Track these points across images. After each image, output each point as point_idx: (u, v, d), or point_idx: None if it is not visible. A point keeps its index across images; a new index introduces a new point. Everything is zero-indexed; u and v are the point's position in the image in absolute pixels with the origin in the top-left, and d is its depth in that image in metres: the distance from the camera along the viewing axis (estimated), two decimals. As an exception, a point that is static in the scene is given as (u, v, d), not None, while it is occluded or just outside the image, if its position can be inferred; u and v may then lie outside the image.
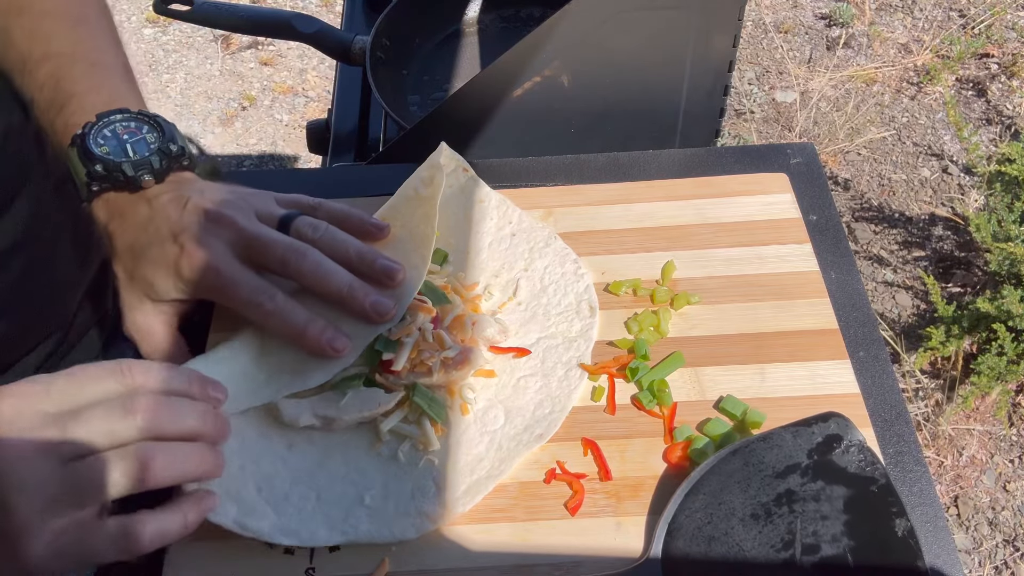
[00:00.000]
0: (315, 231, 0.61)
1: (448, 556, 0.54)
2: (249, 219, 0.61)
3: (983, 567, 1.61)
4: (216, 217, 0.60)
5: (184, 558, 0.54)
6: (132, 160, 0.60)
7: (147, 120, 0.63)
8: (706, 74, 0.79)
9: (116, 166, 0.60)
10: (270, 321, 0.59)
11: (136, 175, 0.60)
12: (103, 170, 0.60)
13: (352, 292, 0.59)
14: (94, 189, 0.61)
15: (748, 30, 2.57)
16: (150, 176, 0.61)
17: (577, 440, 0.59)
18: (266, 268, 0.60)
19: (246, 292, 0.59)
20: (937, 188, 2.15)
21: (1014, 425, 1.76)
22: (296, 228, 0.62)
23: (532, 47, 0.74)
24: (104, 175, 0.60)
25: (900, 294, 1.96)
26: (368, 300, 0.59)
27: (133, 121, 0.62)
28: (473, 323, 0.62)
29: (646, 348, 0.62)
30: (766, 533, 0.52)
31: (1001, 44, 2.44)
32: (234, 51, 2.67)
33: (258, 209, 0.63)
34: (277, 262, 0.60)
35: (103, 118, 0.62)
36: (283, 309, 0.59)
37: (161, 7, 0.95)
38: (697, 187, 0.73)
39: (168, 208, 0.61)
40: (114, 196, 0.62)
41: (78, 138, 0.61)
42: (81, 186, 0.62)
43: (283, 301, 0.59)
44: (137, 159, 0.60)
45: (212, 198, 0.62)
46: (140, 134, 0.62)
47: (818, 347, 0.63)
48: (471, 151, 0.81)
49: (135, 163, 0.60)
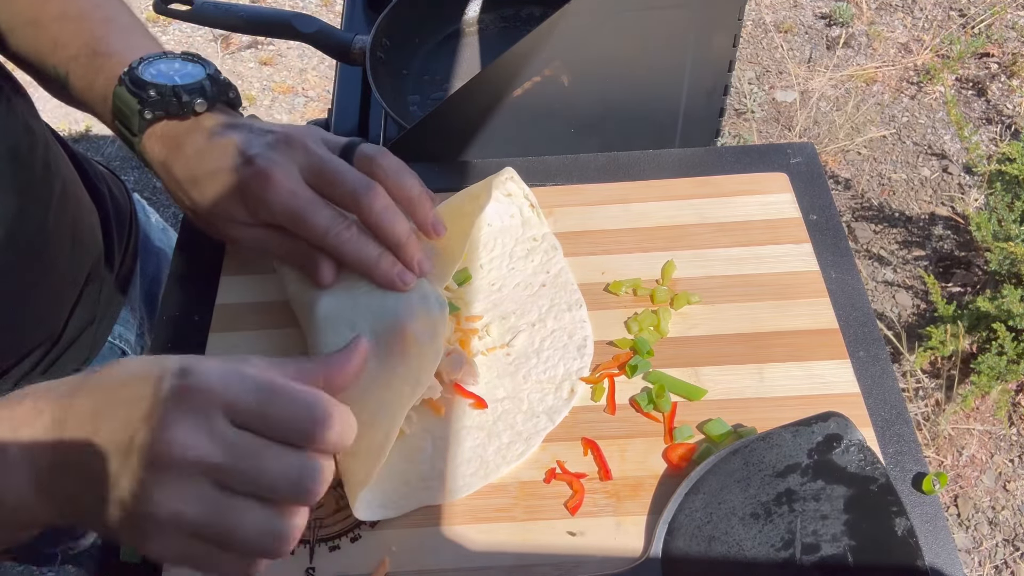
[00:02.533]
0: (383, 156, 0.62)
1: (448, 556, 0.54)
2: (319, 145, 0.62)
3: (983, 567, 1.61)
4: (287, 140, 0.61)
5: (184, 558, 0.54)
6: (184, 85, 0.61)
7: (190, 58, 0.65)
8: (706, 74, 0.79)
9: (170, 90, 0.61)
10: (345, 248, 0.59)
11: (190, 99, 0.61)
12: (156, 94, 0.61)
13: (409, 241, 0.60)
14: (147, 117, 0.62)
15: (748, 30, 2.57)
16: (203, 100, 0.62)
17: (577, 440, 0.59)
18: (332, 198, 0.60)
19: (324, 219, 0.59)
20: (937, 187, 2.15)
21: (1014, 425, 1.76)
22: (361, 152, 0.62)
23: (532, 47, 0.73)
24: (158, 99, 0.61)
25: (900, 294, 1.96)
26: (417, 256, 0.60)
27: (177, 61, 0.64)
28: (448, 354, 0.60)
29: (649, 345, 0.62)
30: (766, 532, 0.52)
31: (1001, 44, 2.44)
32: (234, 51, 2.67)
33: (324, 137, 0.63)
34: (348, 195, 0.60)
35: (147, 58, 0.63)
36: (359, 239, 0.59)
37: (161, 7, 0.95)
38: (697, 187, 0.73)
39: (231, 133, 0.61)
40: (168, 128, 0.63)
41: (125, 75, 0.62)
42: (133, 116, 0.62)
43: (358, 231, 0.60)
44: (190, 84, 0.62)
45: (275, 126, 0.63)
46: (185, 69, 0.64)
47: (818, 347, 0.63)
48: (471, 151, 0.81)
49: (188, 88, 0.61)
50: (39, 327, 0.74)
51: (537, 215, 0.70)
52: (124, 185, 0.91)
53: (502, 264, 0.69)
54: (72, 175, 0.77)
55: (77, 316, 0.77)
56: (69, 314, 0.76)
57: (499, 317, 0.65)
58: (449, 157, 0.81)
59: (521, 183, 0.70)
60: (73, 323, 0.77)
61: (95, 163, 0.88)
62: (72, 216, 0.75)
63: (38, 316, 0.73)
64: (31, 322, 0.73)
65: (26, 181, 0.68)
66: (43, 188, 0.71)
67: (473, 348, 0.64)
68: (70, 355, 0.78)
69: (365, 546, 0.55)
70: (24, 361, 0.73)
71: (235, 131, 0.61)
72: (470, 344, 0.64)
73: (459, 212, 0.66)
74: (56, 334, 0.75)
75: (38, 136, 0.71)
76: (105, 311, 0.82)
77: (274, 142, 0.60)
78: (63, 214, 0.73)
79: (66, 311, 0.76)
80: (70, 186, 0.75)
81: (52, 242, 0.73)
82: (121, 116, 0.64)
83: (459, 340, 0.63)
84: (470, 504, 0.56)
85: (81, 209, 0.77)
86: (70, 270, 0.76)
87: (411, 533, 0.55)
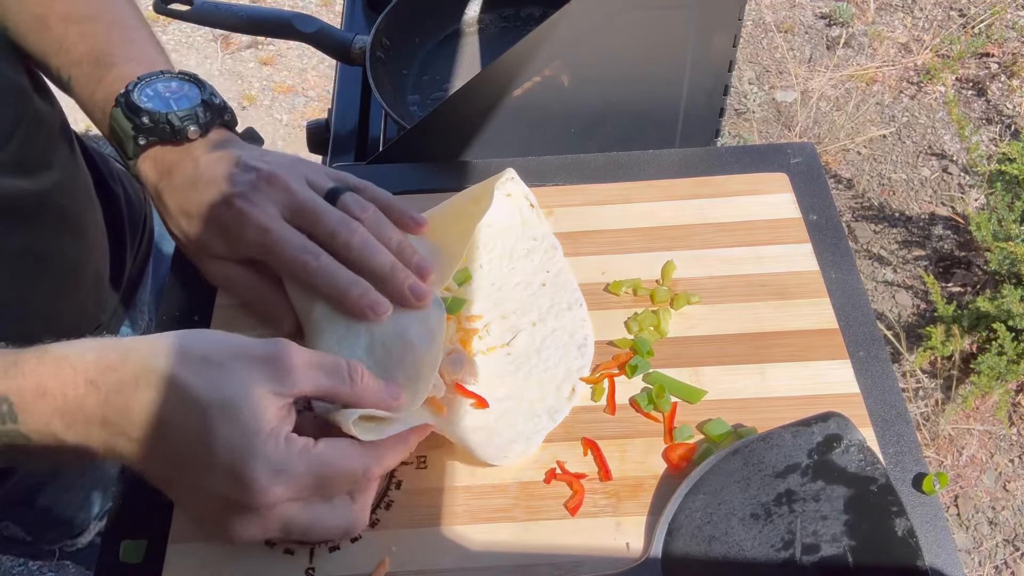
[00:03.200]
0: (363, 211, 0.62)
1: (448, 556, 0.54)
2: (301, 184, 0.62)
3: (983, 567, 1.61)
4: (269, 178, 0.61)
5: (184, 558, 0.54)
6: (177, 112, 0.62)
7: (187, 78, 0.65)
8: (706, 74, 0.79)
9: (163, 116, 0.62)
10: (314, 280, 0.59)
11: (182, 126, 0.62)
12: (150, 121, 0.62)
13: (395, 272, 0.60)
14: (140, 143, 0.63)
15: (748, 30, 2.57)
16: (195, 127, 0.63)
17: (577, 440, 0.59)
18: (312, 237, 0.61)
19: (292, 249, 0.60)
20: (937, 187, 2.15)
21: (1014, 425, 1.76)
22: (343, 203, 0.62)
23: (532, 47, 0.73)
24: (151, 127, 0.62)
25: (900, 293, 1.96)
26: (408, 282, 0.60)
27: (174, 80, 0.64)
28: (448, 354, 0.61)
29: (649, 346, 0.62)
30: (766, 533, 0.52)
31: (1001, 43, 2.44)
32: (234, 51, 2.67)
33: (308, 176, 0.63)
34: (326, 233, 0.60)
35: (144, 78, 0.64)
36: (328, 268, 0.59)
37: (161, 7, 0.95)
38: (697, 187, 0.73)
39: (218, 166, 0.62)
40: (161, 153, 0.63)
41: (121, 97, 0.63)
42: (127, 140, 0.63)
43: (328, 261, 0.60)
44: (182, 111, 0.62)
45: (263, 158, 0.63)
46: (182, 91, 0.64)
47: (818, 347, 0.63)
48: (471, 151, 0.81)
49: (180, 115, 0.62)
50: (42, 322, 0.74)
51: (537, 215, 0.70)
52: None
53: (502, 264, 0.69)
54: (71, 169, 0.76)
55: (84, 312, 0.77)
56: (76, 309, 0.76)
57: (499, 317, 0.65)
58: (449, 157, 0.81)
59: (521, 184, 0.70)
60: (81, 324, 0.77)
61: (113, 162, 0.87)
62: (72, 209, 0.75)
63: (40, 312, 0.73)
64: (35, 316, 0.73)
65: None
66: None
67: (474, 348, 0.64)
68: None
69: (365, 546, 0.55)
70: None
71: (223, 164, 0.62)
72: (471, 344, 0.64)
73: (460, 213, 0.66)
74: (60, 329, 0.75)
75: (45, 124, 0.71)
76: (114, 311, 0.82)
77: (256, 181, 0.61)
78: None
79: (71, 309, 0.76)
80: (67, 180, 0.75)
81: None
82: (117, 139, 0.64)
83: (460, 340, 0.63)
84: (470, 504, 0.56)
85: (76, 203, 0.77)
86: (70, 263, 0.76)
87: (411, 533, 0.55)
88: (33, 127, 0.68)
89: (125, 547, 0.56)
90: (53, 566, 1.68)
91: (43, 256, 0.71)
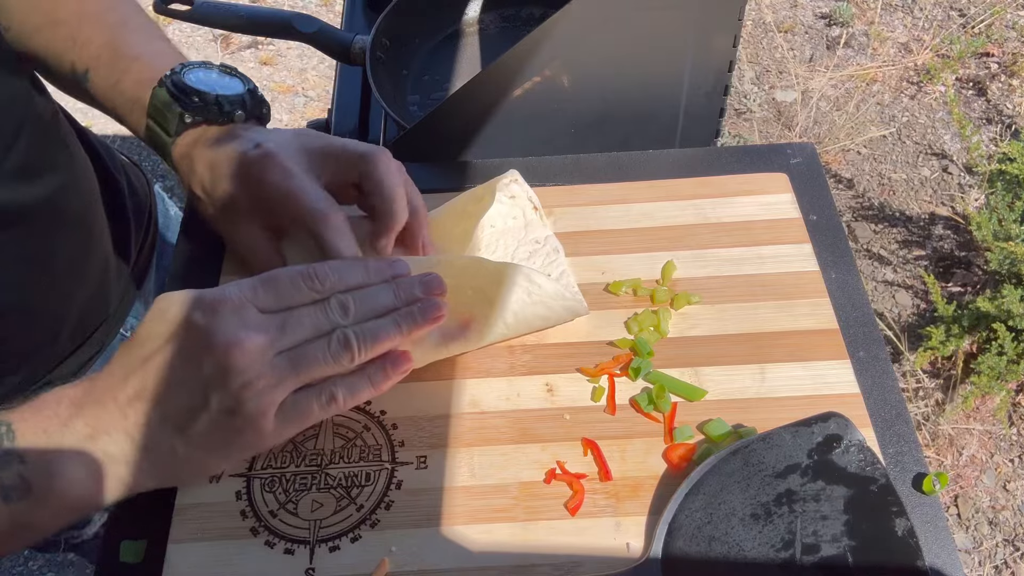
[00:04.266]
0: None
1: (448, 556, 0.54)
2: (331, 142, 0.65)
3: (983, 567, 1.61)
4: (304, 133, 0.65)
5: (184, 558, 0.55)
6: (228, 96, 0.65)
7: (228, 71, 0.68)
8: (706, 74, 0.79)
9: (214, 98, 0.64)
10: (327, 235, 0.60)
11: (231, 109, 0.65)
12: (200, 101, 0.64)
13: (419, 216, 0.64)
14: (187, 121, 0.65)
15: (748, 30, 2.57)
16: (242, 112, 0.66)
17: (577, 440, 0.59)
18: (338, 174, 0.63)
19: (311, 199, 0.61)
20: (937, 187, 2.15)
21: (1014, 425, 1.76)
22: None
23: (532, 47, 0.73)
24: (201, 106, 0.64)
25: (900, 293, 1.96)
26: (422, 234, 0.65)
27: (215, 71, 0.67)
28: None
29: (649, 346, 0.62)
30: (766, 533, 0.52)
31: (1001, 43, 2.44)
32: (234, 51, 2.67)
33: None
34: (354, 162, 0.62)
35: (188, 65, 0.66)
36: (340, 227, 0.60)
37: (161, 7, 0.95)
38: (697, 187, 0.73)
39: (253, 132, 0.65)
40: (202, 132, 0.66)
41: (168, 78, 0.65)
42: (173, 118, 0.65)
43: (342, 219, 0.61)
44: (232, 95, 0.66)
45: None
46: (225, 81, 0.67)
47: (818, 347, 0.63)
48: (471, 151, 0.81)
49: (230, 98, 0.65)
50: (45, 316, 0.74)
51: (540, 218, 0.70)
52: (146, 177, 0.92)
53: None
54: (76, 168, 0.76)
55: (90, 306, 0.78)
56: (82, 305, 0.77)
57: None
58: (449, 157, 0.81)
59: (525, 185, 0.70)
60: (87, 318, 0.77)
61: (118, 154, 0.88)
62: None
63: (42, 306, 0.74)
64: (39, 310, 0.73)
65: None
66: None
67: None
68: (84, 350, 0.78)
69: (365, 546, 0.55)
70: (33, 357, 0.73)
71: (258, 131, 0.65)
72: None
73: (462, 214, 0.66)
74: (67, 325, 0.75)
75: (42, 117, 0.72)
76: (119, 303, 0.82)
77: (292, 135, 0.64)
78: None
79: (76, 303, 0.76)
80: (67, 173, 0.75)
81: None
82: (158, 116, 0.66)
83: None
84: (470, 504, 0.56)
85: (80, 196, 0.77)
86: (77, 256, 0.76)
87: (411, 533, 0.55)
88: (36, 131, 0.68)
89: (125, 547, 0.56)
90: (54, 566, 1.68)
91: (49, 257, 0.71)
